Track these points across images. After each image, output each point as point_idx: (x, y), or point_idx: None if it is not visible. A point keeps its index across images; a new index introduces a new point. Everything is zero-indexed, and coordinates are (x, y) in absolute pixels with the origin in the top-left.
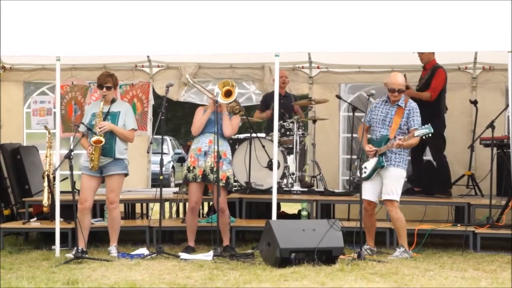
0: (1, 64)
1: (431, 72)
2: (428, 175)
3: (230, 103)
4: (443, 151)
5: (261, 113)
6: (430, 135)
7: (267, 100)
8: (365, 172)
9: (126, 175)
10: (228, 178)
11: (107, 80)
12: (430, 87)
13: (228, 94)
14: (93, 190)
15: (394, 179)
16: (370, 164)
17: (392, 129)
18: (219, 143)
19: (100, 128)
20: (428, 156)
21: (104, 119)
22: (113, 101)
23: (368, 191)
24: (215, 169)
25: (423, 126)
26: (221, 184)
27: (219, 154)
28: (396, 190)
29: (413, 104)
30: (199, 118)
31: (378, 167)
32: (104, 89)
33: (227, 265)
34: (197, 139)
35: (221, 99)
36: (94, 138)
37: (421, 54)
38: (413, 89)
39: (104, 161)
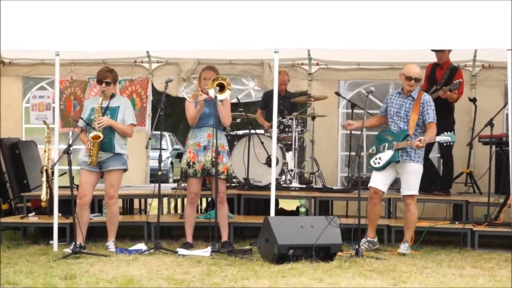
0: (0, 59)
1: (450, 72)
2: (430, 173)
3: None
4: (452, 148)
5: (262, 115)
6: (451, 143)
7: (267, 98)
8: (378, 163)
9: (125, 170)
10: (228, 169)
11: (106, 76)
12: (459, 91)
13: (221, 87)
14: (92, 185)
15: (415, 174)
16: (385, 156)
17: (411, 126)
18: (217, 136)
19: (99, 123)
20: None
21: (103, 114)
22: (112, 96)
23: (378, 180)
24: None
25: (446, 133)
26: (223, 176)
27: (217, 149)
28: (416, 185)
29: (427, 97)
30: (194, 110)
31: (393, 161)
32: (104, 84)
33: (225, 261)
34: (195, 134)
35: (219, 96)
36: (93, 133)
37: (440, 54)
38: (447, 92)
39: (103, 156)
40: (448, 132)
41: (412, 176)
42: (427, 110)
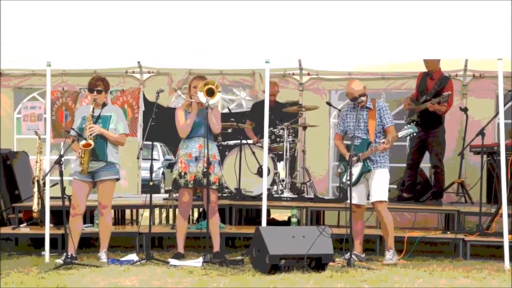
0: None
1: (440, 83)
2: (421, 183)
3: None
4: (443, 157)
5: (251, 127)
6: (414, 134)
7: (256, 109)
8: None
9: (117, 179)
10: (219, 179)
11: (97, 84)
12: (448, 103)
13: (210, 92)
14: (85, 195)
15: (381, 180)
16: (355, 170)
17: (370, 133)
18: (208, 147)
19: (90, 131)
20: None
21: (95, 123)
22: (104, 105)
23: (355, 196)
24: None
25: (406, 126)
26: (214, 187)
27: (208, 160)
28: (384, 191)
29: (381, 104)
30: (185, 122)
31: (365, 171)
32: (95, 93)
33: (216, 272)
34: (186, 144)
35: (210, 101)
36: (83, 141)
37: (426, 61)
38: (435, 105)
39: (96, 166)
40: (408, 125)
41: (379, 182)
42: (383, 115)
